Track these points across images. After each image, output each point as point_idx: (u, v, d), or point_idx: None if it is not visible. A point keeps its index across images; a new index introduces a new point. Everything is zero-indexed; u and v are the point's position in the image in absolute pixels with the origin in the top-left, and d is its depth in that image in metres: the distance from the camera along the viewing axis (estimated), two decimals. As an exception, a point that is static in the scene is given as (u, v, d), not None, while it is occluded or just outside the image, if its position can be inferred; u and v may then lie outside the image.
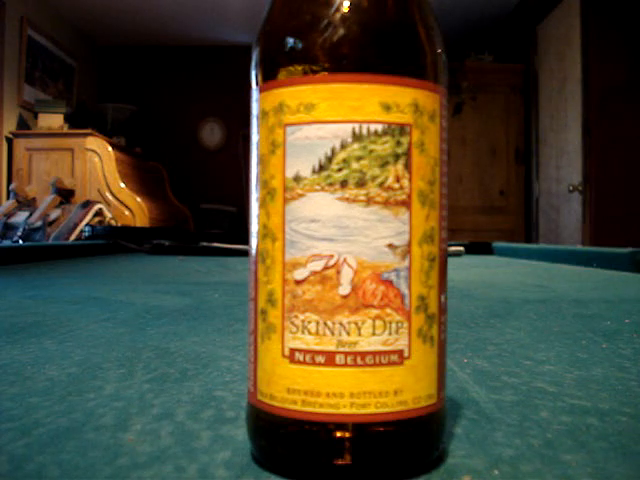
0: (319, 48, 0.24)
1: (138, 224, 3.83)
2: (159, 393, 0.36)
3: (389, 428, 0.24)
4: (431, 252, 0.25)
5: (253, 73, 0.26)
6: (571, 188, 3.43)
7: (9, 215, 3.33)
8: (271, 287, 0.25)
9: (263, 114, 0.25)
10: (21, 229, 3.22)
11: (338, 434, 0.24)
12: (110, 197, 3.88)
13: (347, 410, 0.23)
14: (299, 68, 0.24)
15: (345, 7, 0.24)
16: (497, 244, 2.33)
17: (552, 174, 3.80)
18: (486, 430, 0.29)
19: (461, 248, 2.11)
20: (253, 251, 0.26)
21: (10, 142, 3.94)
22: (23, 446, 0.27)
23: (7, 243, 2.95)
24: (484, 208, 4.11)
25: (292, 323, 0.24)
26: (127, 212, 3.87)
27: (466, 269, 1.52)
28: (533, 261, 1.87)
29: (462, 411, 0.32)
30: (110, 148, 3.97)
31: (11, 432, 0.29)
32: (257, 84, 0.26)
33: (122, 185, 3.94)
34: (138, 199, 3.96)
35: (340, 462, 0.23)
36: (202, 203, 5.06)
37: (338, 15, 0.24)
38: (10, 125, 3.98)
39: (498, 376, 0.41)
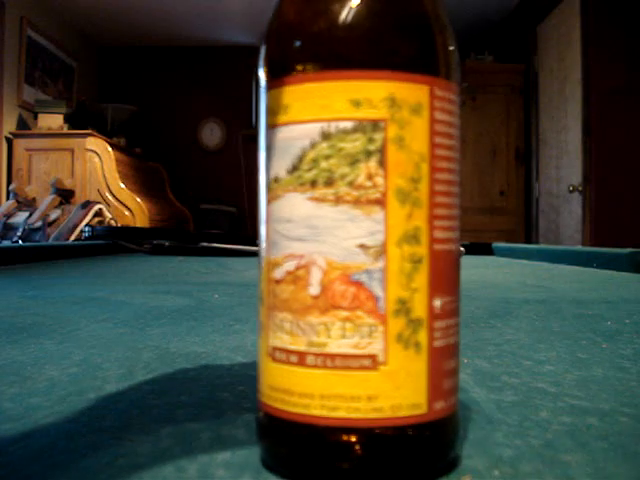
0: (289, 51, 0.24)
1: (138, 224, 3.83)
2: (159, 393, 0.36)
3: (362, 434, 0.23)
4: (415, 253, 0.23)
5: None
6: (571, 188, 3.43)
7: (9, 215, 3.33)
8: (261, 286, 0.26)
9: (264, 115, 0.26)
10: (21, 229, 3.22)
11: (309, 435, 0.23)
12: (110, 197, 3.88)
13: (317, 412, 0.23)
14: (277, 71, 0.25)
15: (308, 7, 0.24)
16: (497, 245, 2.32)
17: (552, 174, 3.80)
18: (486, 430, 0.29)
19: (461, 249, 2.11)
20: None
21: (10, 142, 3.94)
22: (23, 447, 0.27)
23: (7, 243, 2.95)
24: (484, 208, 4.11)
25: (273, 322, 0.25)
26: (127, 212, 3.87)
27: (466, 269, 1.52)
28: (533, 261, 1.87)
29: (462, 411, 0.32)
30: (110, 148, 3.97)
31: (11, 432, 0.29)
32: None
33: (122, 185, 3.94)
34: (138, 199, 3.96)
35: (310, 463, 0.23)
36: (202, 203, 5.06)
37: (300, 16, 0.24)
38: (10, 125, 3.98)
39: (498, 376, 0.41)
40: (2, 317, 0.68)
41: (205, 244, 2.10)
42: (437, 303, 0.24)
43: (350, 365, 0.23)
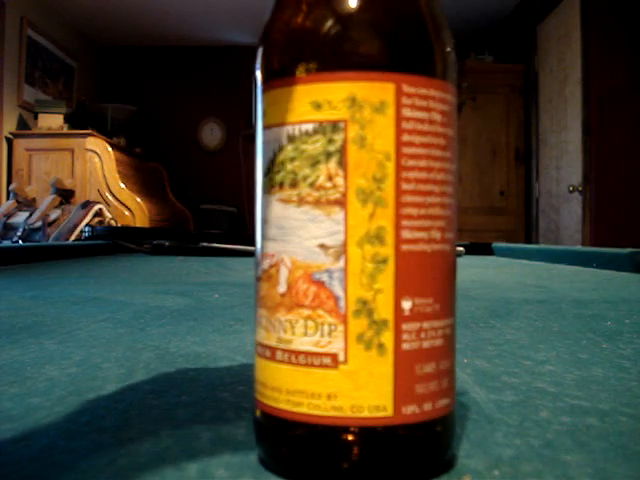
0: (265, 59, 0.26)
1: (138, 224, 3.83)
2: (159, 393, 0.36)
3: (323, 431, 0.23)
4: (378, 253, 0.23)
5: None
6: (571, 188, 3.43)
7: (9, 215, 3.33)
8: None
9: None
10: (21, 229, 3.22)
11: (277, 427, 0.25)
12: (110, 197, 3.88)
13: (283, 406, 0.24)
14: (262, 78, 0.26)
15: (275, 19, 0.25)
16: (497, 245, 2.33)
17: (552, 174, 3.80)
18: (486, 430, 0.29)
19: (461, 249, 2.11)
20: None
21: (10, 142, 3.94)
22: (23, 447, 0.27)
23: (7, 243, 2.95)
24: (484, 208, 4.11)
25: (257, 317, 0.26)
26: (127, 212, 3.87)
27: (466, 269, 1.52)
28: (533, 261, 1.87)
29: (462, 411, 0.32)
30: (110, 148, 3.97)
31: (11, 432, 0.29)
32: None
33: (122, 185, 3.94)
34: (138, 199, 3.96)
35: (278, 453, 0.25)
36: (202, 203, 5.06)
37: (271, 27, 0.26)
38: (10, 125, 3.98)
39: (498, 376, 0.41)
40: (2, 317, 0.68)
41: (205, 244, 2.10)
42: (406, 305, 0.23)
43: (312, 362, 0.23)
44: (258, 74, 0.26)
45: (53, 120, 3.97)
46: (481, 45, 4.42)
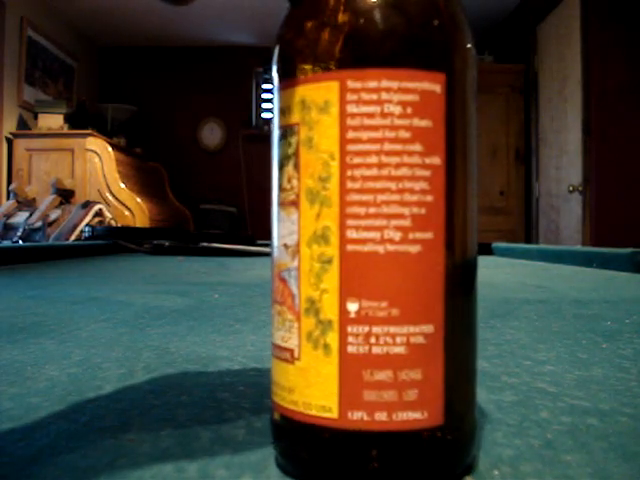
0: None
1: (138, 224, 3.83)
2: (159, 394, 0.36)
3: (284, 422, 0.25)
4: (323, 253, 0.23)
5: None
6: (571, 188, 3.43)
7: (9, 215, 3.33)
8: None
9: None
10: (21, 229, 3.22)
11: (272, 412, 0.26)
12: (110, 197, 3.88)
13: (272, 394, 0.26)
14: None
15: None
16: (497, 245, 2.32)
17: (552, 174, 3.80)
18: (486, 430, 0.29)
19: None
20: None
21: (10, 142, 3.94)
22: (23, 447, 0.27)
23: (7, 243, 2.95)
24: (484, 208, 4.11)
25: None
26: (127, 212, 3.87)
27: (466, 269, 1.52)
28: (533, 261, 1.87)
29: (462, 411, 0.32)
30: (110, 148, 3.97)
31: (11, 432, 0.29)
32: None
33: (122, 185, 3.94)
34: (138, 199, 3.96)
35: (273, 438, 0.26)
36: (202, 203, 5.06)
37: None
38: (10, 125, 3.98)
39: (498, 376, 0.41)
40: (2, 317, 0.68)
41: (205, 244, 2.10)
42: (352, 307, 0.23)
43: (280, 356, 0.25)
44: None
45: (53, 120, 3.96)
46: (481, 45, 4.42)
